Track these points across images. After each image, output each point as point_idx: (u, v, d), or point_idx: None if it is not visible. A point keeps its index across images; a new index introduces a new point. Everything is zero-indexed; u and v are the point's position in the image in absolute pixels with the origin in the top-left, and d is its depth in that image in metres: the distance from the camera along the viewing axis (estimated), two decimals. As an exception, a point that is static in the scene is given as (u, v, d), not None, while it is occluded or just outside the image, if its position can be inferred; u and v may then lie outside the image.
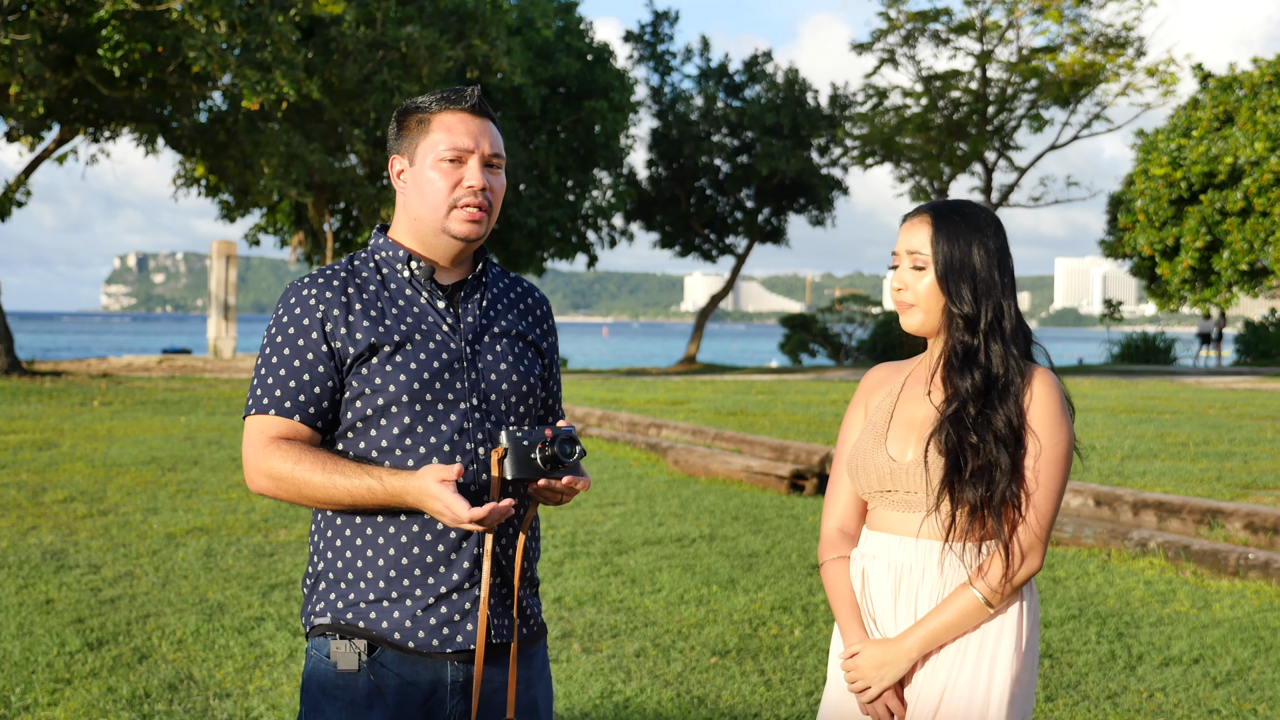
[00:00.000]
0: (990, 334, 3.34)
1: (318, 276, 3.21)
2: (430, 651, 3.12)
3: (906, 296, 3.39)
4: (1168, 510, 10.60)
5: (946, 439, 3.30)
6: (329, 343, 3.13)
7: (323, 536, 3.20)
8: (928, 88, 47.01)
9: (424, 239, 3.24)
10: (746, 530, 11.05)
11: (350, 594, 3.14)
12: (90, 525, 10.81)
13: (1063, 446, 3.32)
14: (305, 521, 11.01)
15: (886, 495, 3.41)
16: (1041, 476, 3.29)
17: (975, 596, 3.28)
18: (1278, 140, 39.48)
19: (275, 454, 3.08)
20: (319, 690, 3.15)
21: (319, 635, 3.17)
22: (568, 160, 43.09)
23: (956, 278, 3.34)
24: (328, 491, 3.06)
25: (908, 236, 3.41)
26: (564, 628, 7.81)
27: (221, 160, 32.74)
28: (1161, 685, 6.86)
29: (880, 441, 3.43)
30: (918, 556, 3.37)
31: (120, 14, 25.46)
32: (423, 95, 3.27)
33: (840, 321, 53.64)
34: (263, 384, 3.15)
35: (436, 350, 3.17)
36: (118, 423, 18.68)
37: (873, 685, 3.36)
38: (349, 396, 3.14)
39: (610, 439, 17.26)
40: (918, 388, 3.47)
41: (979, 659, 3.31)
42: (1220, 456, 15.61)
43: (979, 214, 3.40)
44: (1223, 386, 31.16)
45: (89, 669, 6.89)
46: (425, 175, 3.20)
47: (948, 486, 3.29)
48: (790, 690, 6.71)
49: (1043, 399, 3.32)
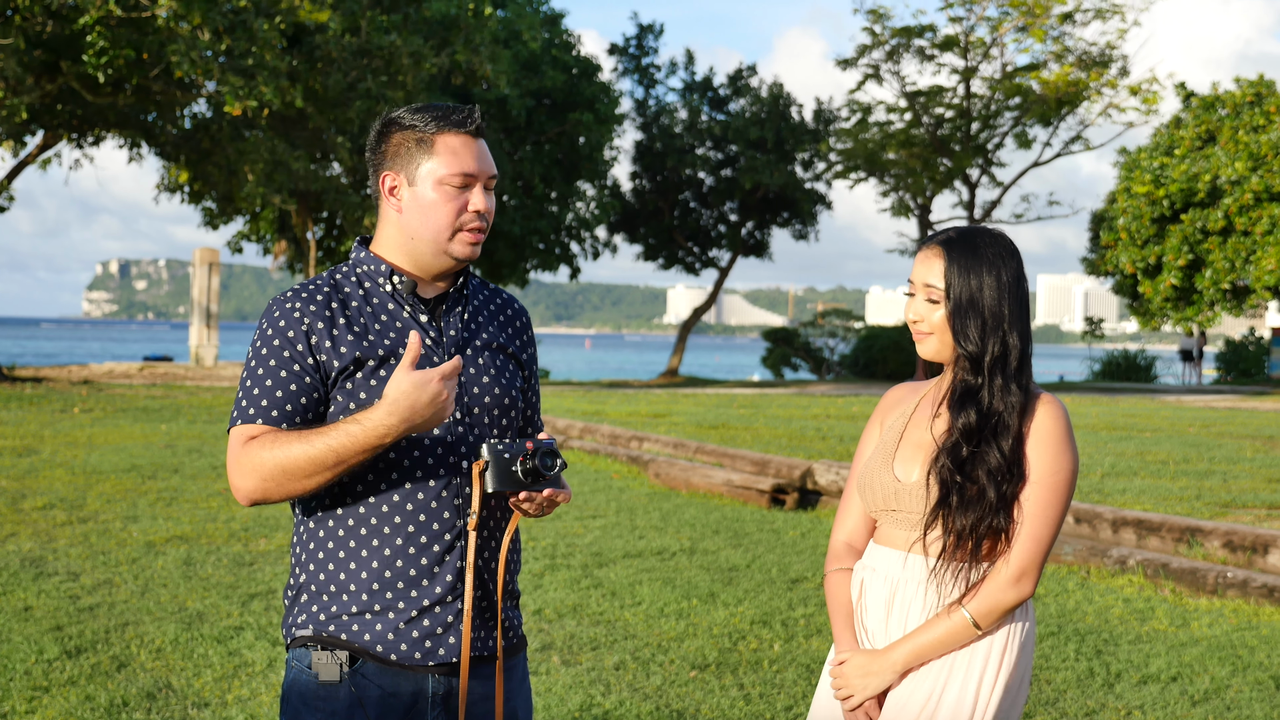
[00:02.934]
0: (994, 369, 3.37)
1: (300, 291, 3.20)
2: (412, 664, 3.12)
3: (923, 327, 3.43)
4: (1147, 528, 10.63)
5: (941, 470, 3.35)
6: (314, 355, 3.13)
7: (305, 548, 3.20)
8: (911, 103, 47.11)
9: (417, 257, 3.23)
10: (727, 544, 11.05)
11: (333, 606, 3.14)
12: (69, 533, 10.78)
13: (1063, 475, 3.35)
14: (286, 531, 10.99)
15: (891, 514, 3.46)
16: (1040, 504, 3.32)
17: (964, 617, 3.31)
18: (1259, 159, 39.65)
19: (252, 446, 3.05)
20: (300, 701, 3.15)
21: (300, 646, 3.17)
22: (552, 171, 43.12)
23: (965, 316, 3.37)
24: (310, 456, 3.00)
25: (923, 269, 3.43)
26: (544, 640, 7.81)
27: (205, 167, 32.68)
28: (1139, 703, 6.87)
29: (889, 461, 3.47)
30: (914, 573, 3.41)
31: (105, 20, 25.42)
32: (410, 108, 3.25)
33: (822, 336, 53.73)
34: (248, 395, 3.13)
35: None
36: (98, 430, 18.63)
37: (855, 694, 3.40)
38: (333, 411, 3.14)
39: (592, 451, 17.25)
40: (929, 410, 3.51)
41: (966, 677, 3.34)
42: (1200, 475, 15.66)
43: (995, 243, 3.41)
44: (1203, 405, 31.26)
45: (67, 677, 6.86)
46: (428, 197, 3.18)
47: (938, 514, 3.34)
48: (769, 704, 6.71)
49: (1046, 428, 3.36)
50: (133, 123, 31.47)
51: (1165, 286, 41.64)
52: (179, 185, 35.95)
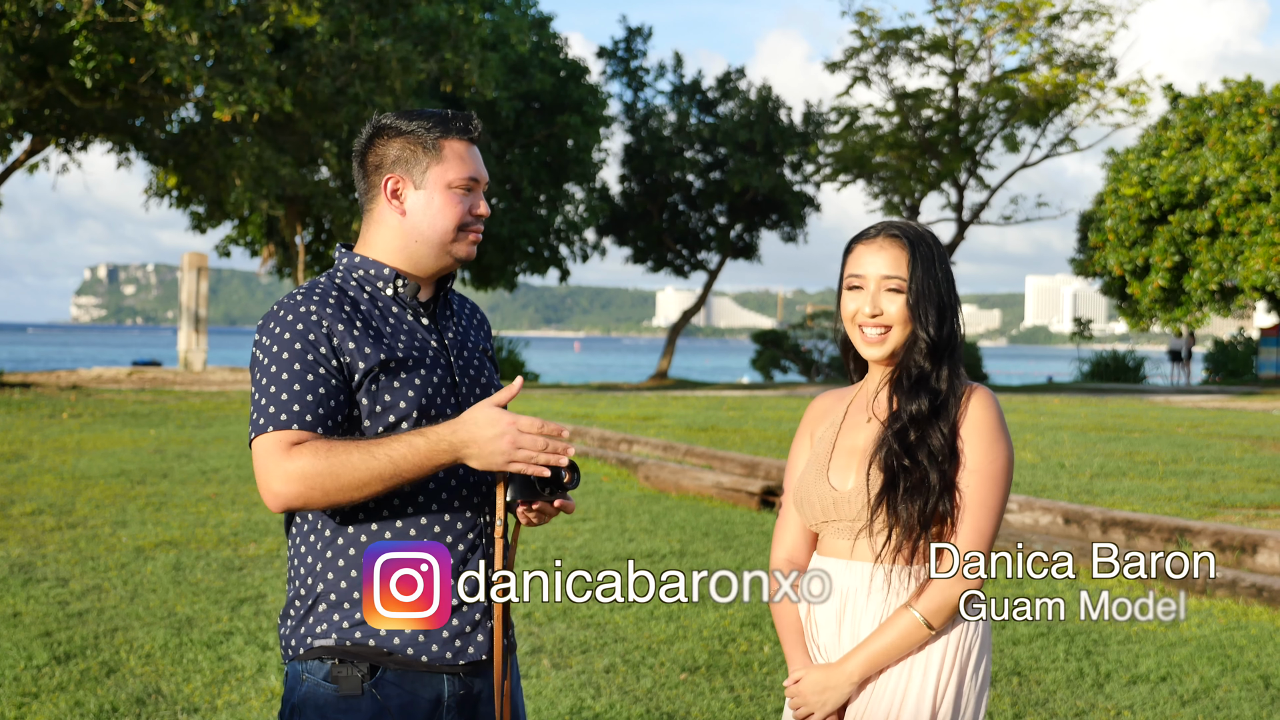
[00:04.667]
0: (947, 356, 3.38)
1: (311, 294, 3.20)
2: (442, 665, 3.15)
3: (885, 320, 3.38)
4: (1136, 528, 10.65)
5: (886, 456, 3.32)
6: (338, 357, 3.13)
7: (319, 557, 3.18)
8: (900, 105, 47.15)
9: (418, 259, 3.28)
10: (717, 546, 11.05)
11: (356, 614, 3.14)
12: (58, 538, 10.76)
13: (999, 464, 3.33)
14: (275, 535, 10.97)
15: (831, 524, 3.42)
16: (978, 494, 3.31)
17: (915, 618, 3.28)
18: (1247, 160, 39.72)
19: (302, 454, 3.03)
20: (317, 715, 3.13)
21: (314, 658, 3.15)
22: (540, 175, 43.10)
23: (925, 303, 3.37)
24: (370, 467, 3.01)
25: (880, 260, 3.40)
26: (534, 643, 7.81)
27: (193, 171, 32.62)
28: (1129, 703, 6.89)
29: (823, 472, 3.44)
30: (860, 580, 3.37)
31: (92, 25, 25.38)
32: (402, 113, 3.30)
33: (812, 338, 53.69)
34: (275, 401, 3.09)
35: (433, 367, 3.23)
36: (87, 435, 18.60)
37: (815, 711, 3.37)
38: (358, 415, 3.16)
39: (581, 454, 17.25)
40: (859, 415, 3.48)
41: (925, 680, 3.31)
42: (1188, 475, 15.68)
43: (931, 236, 3.45)
44: (1191, 405, 31.31)
45: (56, 683, 6.85)
46: (436, 200, 3.25)
47: (882, 503, 3.31)
48: (760, 706, 6.72)
49: (979, 417, 3.35)
50: (120, 127, 31.41)
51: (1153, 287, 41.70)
52: (167, 190, 35.89)
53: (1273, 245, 38.19)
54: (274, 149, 30.89)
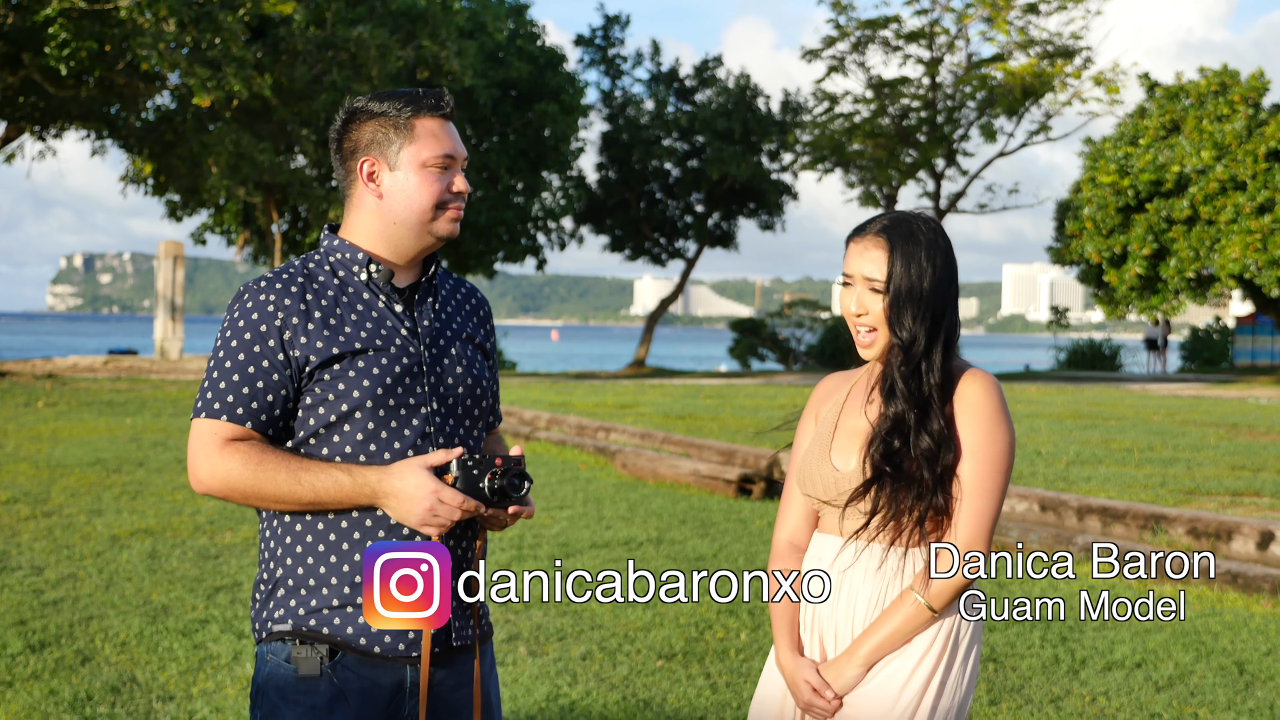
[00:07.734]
0: (925, 356, 3.36)
1: (274, 280, 3.20)
2: (396, 655, 3.15)
3: (869, 320, 3.39)
4: (1112, 515, 10.68)
5: (872, 457, 3.35)
6: (286, 351, 3.14)
7: (280, 542, 3.19)
8: (877, 94, 47.17)
9: (397, 241, 3.26)
10: (694, 534, 11.06)
11: (312, 600, 3.15)
12: (33, 527, 10.72)
13: (1000, 447, 3.34)
14: (251, 524, 10.95)
15: (832, 503, 3.44)
16: (978, 478, 3.32)
17: (918, 601, 3.30)
18: (1223, 149, 39.81)
19: (233, 456, 3.09)
20: (277, 695, 3.14)
21: (276, 640, 3.16)
22: (518, 162, 43.03)
23: (902, 306, 3.35)
24: (291, 489, 3.07)
25: (863, 260, 3.40)
26: (510, 631, 7.81)
27: (169, 159, 32.51)
28: (1104, 689, 6.91)
29: (825, 452, 3.47)
30: (859, 560, 3.39)
31: (67, 12, 25.27)
32: (374, 95, 3.29)
33: (789, 326, 53.81)
34: (214, 387, 3.14)
35: (397, 355, 3.20)
36: (62, 424, 18.53)
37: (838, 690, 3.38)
38: (310, 403, 3.16)
39: (559, 442, 17.25)
40: (861, 396, 3.50)
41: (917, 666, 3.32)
42: (1164, 462, 15.74)
43: (929, 228, 3.40)
44: (1167, 393, 31.42)
45: (30, 671, 6.83)
46: (411, 179, 3.23)
47: (875, 499, 3.33)
48: (736, 694, 6.72)
49: (976, 401, 3.35)
50: (96, 115, 31.28)
51: (1130, 275, 41.78)
52: (143, 178, 35.75)
53: (1249, 233, 38.29)
54: (250, 136, 30.80)
